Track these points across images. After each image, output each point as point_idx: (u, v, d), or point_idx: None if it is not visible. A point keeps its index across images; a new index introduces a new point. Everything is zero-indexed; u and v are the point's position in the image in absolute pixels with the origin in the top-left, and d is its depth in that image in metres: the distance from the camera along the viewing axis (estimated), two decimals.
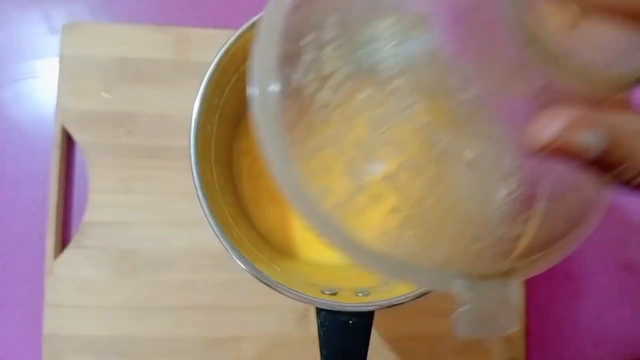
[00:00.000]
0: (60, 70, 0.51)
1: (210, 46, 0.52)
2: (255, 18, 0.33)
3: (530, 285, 0.55)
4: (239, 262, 0.32)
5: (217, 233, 0.32)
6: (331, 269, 0.41)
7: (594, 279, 0.56)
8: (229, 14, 0.55)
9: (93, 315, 0.50)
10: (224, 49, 0.33)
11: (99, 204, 0.51)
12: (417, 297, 0.32)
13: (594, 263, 0.56)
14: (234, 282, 0.51)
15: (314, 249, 0.42)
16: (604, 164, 0.18)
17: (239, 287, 0.51)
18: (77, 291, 0.50)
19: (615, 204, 0.57)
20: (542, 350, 0.55)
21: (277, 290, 0.32)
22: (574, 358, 0.56)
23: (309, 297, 0.32)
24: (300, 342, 0.51)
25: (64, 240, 0.52)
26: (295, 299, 0.32)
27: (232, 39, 0.33)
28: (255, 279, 0.50)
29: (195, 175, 0.32)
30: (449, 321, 0.50)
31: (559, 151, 0.18)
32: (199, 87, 0.33)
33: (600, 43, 0.17)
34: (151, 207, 0.51)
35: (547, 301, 0.56)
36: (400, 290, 0.33)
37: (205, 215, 0.32)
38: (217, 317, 0.51)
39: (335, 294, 0.34)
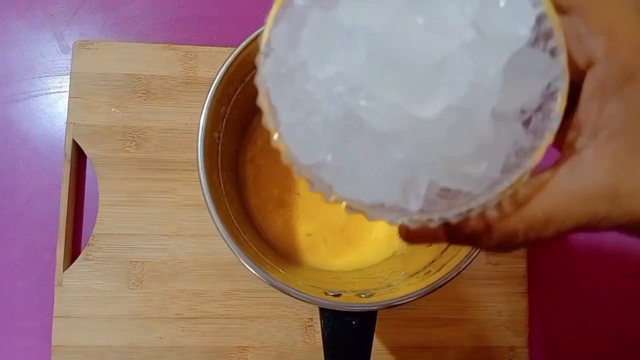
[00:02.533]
0: (71, 87, 0.53)
1: (216, 63, 0.54)
2: (259, 30, 0.35)
3: (534, 293, 0.55)
4: (244, 264, 0.33)
5: (224, 235, 0.33)
6: (335, 274, 0.42)
7: (598, 287, 0.57)
8: (234, 33, 0.57)
9: (101, 326, 0.51)
10: (229, 59, 0.34)
11: (108, 216, 0.52)
12: (419, 297, 0.33)
13: (598, 271, 0.57)
14: (240, 293, 0.52)
15: (318, 256, 0.43)
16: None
17: (244, 298, 0.52)
18: (85, 302, 0.51)
19: None
20: (546, 359, 0.56)
21: (281, 291, 0.33)
22: None
23: (313, 298, 0.33)
24: (305, 352, 0.52)
25: (73, 252, 0.53)
26: (300, 299, 0.32)
27: (238, 49, 0.35)
28: (260, 289, 0.51)
29: (202, 180, 0.33)
30: (453, 332, 0.51)
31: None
32: (206, 96, 0.34)
33: None
34: (159, 219, 0.52)
35: (551, 310, 0.56)
36: (402, 291, 0.34)
37: (212, 219, 0.33)
38: (223, 327, 0.52)
39: (338, 295, 0.35)
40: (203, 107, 0.34)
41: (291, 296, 0.32)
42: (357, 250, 0.43)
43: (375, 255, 0.43)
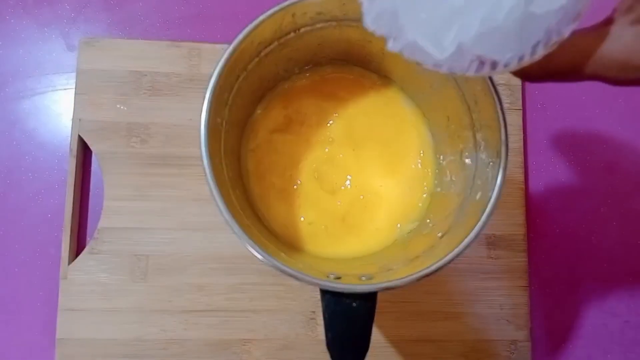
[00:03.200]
0: (77, 84, 0.54)
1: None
2: (261, 17, 0.35)
3: (536, 290, 0.56)
4: (247, 246, 0.33)
5: (226, 218, 0.33)
6: (336, 261, 0.42)
7: (600, 284, 0.57)
8: (237, 30, 0.57)
9: (106, 319, 0.51)
10: (232, 46, 0.35)
11: (113, 210, 0.52)
12: (419, 279, 0.33)
13: (600, 268, 0.57)
14: (244, 286, 0.52)
15: (320, 244, 0.43)
16: None
17: (248, 291, 0.52)
18: (90, 295, 0.51)
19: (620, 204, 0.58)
20: (548, 354, 0.56)
21: (283, 272, 0.33)
22: None
23: (314, 279, 0.33)
24: (308, 345, 0.52)
25: (78, 247, 0.53)
26: (300, 280, 0.33)
27: (240, 37, 0.35)
28: (264, 282, 0.52)
29: (205, 163, 0.34)
30: (455, 325, 0.51)
31: None
32: (209, 81, 0.35)
33: None
34: (164, 213, 0.53)
35: (552, 304, 0.56)
36: (402, 273, 0.34)
37: (214, 200, 0.33)
38: (227, 319, 0.52)
39: (339, 278, 0.35)
40: (206, 92, 0.34)
41: (293, 277, 0.33)
42: (358, 239, 0.43)
43: (376, 244, 0.43)
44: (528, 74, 0.31)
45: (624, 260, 0.57)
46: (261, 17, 0.35)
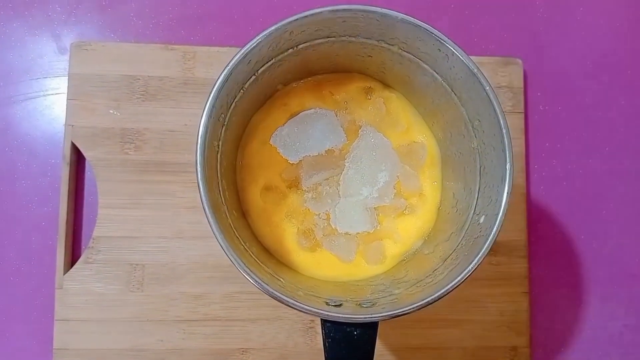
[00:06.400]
0: (69, 89, 0.52)
1: (215, 63, 0.54)
2: (257, 38, 0.34)
3: (535, 295, 0.55)
4: (245, 276, 0.32)
5: (223, 247, 0.32)
6: (335, 283, 0.42)
7: (600, 289, 0.57)
8: (232, 32, 0.56)
9: (102, 329, 0.51)
10: (229, 67, 0.34)
11: (108, 218, 0.52)
12: (420, 308, 0.33)
13: (600, 273, 0.57)
14: (241, 295, 0.52)
15: (315, 268, 0.43)
16: None
17: (245, 300, 0.52)
18: (86, 305, 0.51)
19: (617, 214, 0.57)
20: (548, 359, 0.56)
21: (282, 302, 0.32)
22: None
23: (314, 309, 0.32)
24: (306, 354, 0.52)
25: (73, 255, 0.53)
26: (301, 311, 0.32)
27: (237, 56, 0.34)
28: (259, 291, 0.51)
29: (201, 190, 0.33)
30: (455, 332, 0.51)
31: None
32: (205, 104, 0.34)
33: None
34: (159, 221, 0.52)
35: (552, 310, 0.56)
36: (404, 301, 0.33)
37: (212, 229, 0.33)
38: (224, 329, 0.51)
39: (339, 305, 0.34)
40: (202, 116, 0.33)
41: (293, 308, 0.32)
42: (356, 265, 0.43)
43: (376, 269, 0.43)
44: None
45: (623, 265, 0.57)
46: (257, 38, 0.34)
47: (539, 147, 0.57)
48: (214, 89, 0.33)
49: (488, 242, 0.34)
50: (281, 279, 0.36)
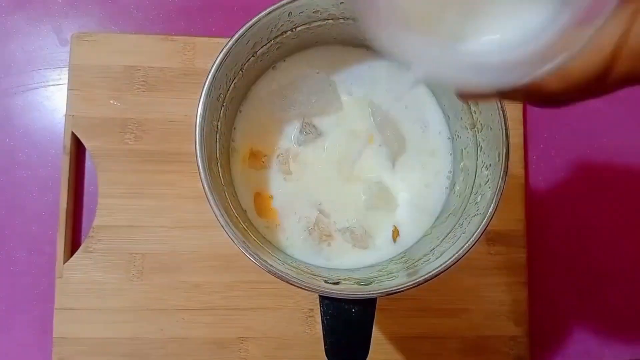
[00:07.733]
0: (70, 79, 0.53)
1: (214, 54, 0.52)
2: (255, 19, 0.35)
3: (534, 283, 0.55)
4: (244, 252, 0.33)
5: (222, 223, 0.32)
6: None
7: (598, 278, 0.57)
8: (232, 23, 0.56)
9: (102, 318, 0.51)
10: (227, 45, 0.34)
11: (108, 208, 0.52)
12: (415, 286, 0.33)
13: (599, 263, 0.57)
14: (241, 284, 0.52)
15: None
16: None
17: (245, 289, 0.52)
18: (86, 294, 0.51)
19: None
20: (546, 348, 0.56)
21: (281, 279, 0.32)
22: (578, 356, 0.56)
23: (313, 285, 0.32)
24: (306, 343, 0.52)
25: (73, 245, 0.53)
26: (300, 287, 0.32)
27: (235, 37, 0.34)
28: (261, 280, 0.51)
29: (201, 168, 0.33)
30: (454, 322, 0.51)
31: None
32: (204, 83, 0.34)
33: None
34: (159, 211, 0.52)
35: (551, 300, 0.56)
36: (401, 279, 0.34)
37: (211, 206, 0.33)
38: (224, 318, 0.52)
39: (337, 283, 0.35)
40: (201, 95, 0.34)
41: (291, 284, 0.32)
42: (356, 253, 0.43)
43: (376, 259, 0.43)
44: (546, 95, 0.26)
45: (622, 255, 0.57)
46: (257, 17, 0.34)
47: (538, 138, 0.57)
48: (213, 66, 0.34)
49: (485, 220, 0.34)
50: (278, 259, 0.36)
